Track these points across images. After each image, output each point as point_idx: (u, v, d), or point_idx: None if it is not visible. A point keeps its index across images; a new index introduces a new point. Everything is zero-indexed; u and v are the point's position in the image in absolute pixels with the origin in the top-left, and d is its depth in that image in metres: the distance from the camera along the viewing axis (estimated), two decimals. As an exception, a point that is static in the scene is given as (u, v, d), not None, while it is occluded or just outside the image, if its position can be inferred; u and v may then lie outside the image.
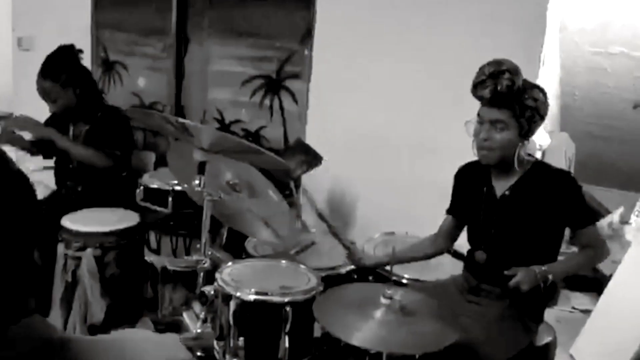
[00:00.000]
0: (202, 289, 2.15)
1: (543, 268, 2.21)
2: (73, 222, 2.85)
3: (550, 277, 2.20)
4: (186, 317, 2.26)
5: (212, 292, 2.11)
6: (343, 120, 3.33)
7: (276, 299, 2.01)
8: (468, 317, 2.23)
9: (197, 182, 2.09)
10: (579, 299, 4.06)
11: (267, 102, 3.53)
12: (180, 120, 1.98)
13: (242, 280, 2.08)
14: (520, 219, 2.32)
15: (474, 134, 2.32)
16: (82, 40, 3.95)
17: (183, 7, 3.61)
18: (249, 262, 2.32)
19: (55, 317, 2.77)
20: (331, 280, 2.32)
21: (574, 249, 2.45)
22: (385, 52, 3.26)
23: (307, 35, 3.40)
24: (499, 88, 2.19)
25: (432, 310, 2.03)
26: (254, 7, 3.47)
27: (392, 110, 3.26)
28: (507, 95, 2.20)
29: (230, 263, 2.22)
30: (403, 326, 1.90)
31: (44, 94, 3.12)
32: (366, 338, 1.85)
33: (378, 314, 1.92)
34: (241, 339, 1.95)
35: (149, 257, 2.83)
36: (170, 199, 2.85)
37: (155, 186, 2.93)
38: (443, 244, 2.60)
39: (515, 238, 2.34)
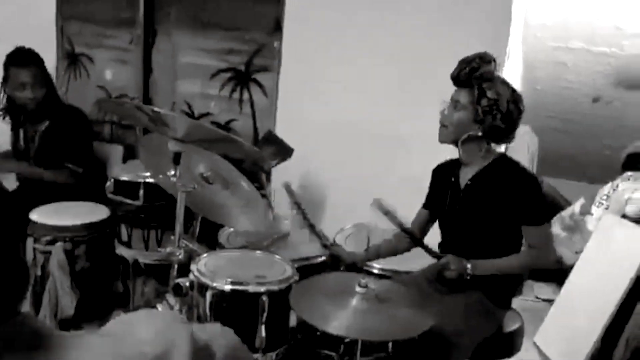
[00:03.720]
0: (177, 280, 2.16)
1: (469, 264, 2.29)
2: (42, 215, 2.81)
3: (469, 270, 2.27)
4: (160, 309, 2.26)
5: (187, 284, 2.12)
6: (313, 112, 3.36)
7: (252, 288, 2.03)
8: (438, 305, 2.28)
9: (172, 172, 2.09)
10: (542, 289, 4.17)
11: (236, 95, 3.53)
12: (156, 109, 1.97)
13: (217, 270, 2.09)
14: (478, 208, 2.38)
15: (440, 112, 2.41)
16: (47, 33, 3.91)
17: (150, 1, 3.58)
18: (224, 253, 2.34)
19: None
20: (305, 271, 2.34)
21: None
22: (356, 45, 3.30)
23: (276, 28, 3.41)
24: (464, 69, 2.29)
25: (406, 298, 2.07)
26: (224, 0, 3.47)
27: (362, 102, 3.30)
28: (469, 77, 2.29)
29: (205, 254, 2.23)
30: (378, 314, 1.94)
31: (27, 80, 3.06)
32: (342, 326, 1.88)
33: (353, 302, 1.95)
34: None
35: (120, 250, 2.82)
36: (141, 191, 2.84)
37: (125, 179, 2.91)
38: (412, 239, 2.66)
39: (475, 227, 2.40)
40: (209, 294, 2.01)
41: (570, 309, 3.60)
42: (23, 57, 3.11)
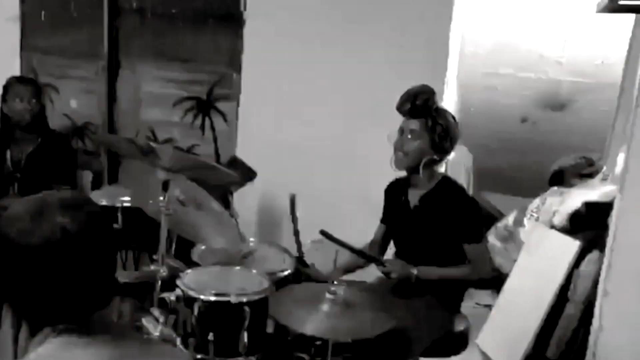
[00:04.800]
0: (162, 295, 2.39)
1: (414, 270, 2.62)
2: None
3: (414, 274, 2.61)
4: (145, 322, 2.47)
5: (173, 298, 2.35)
6: (272, 136, 3.61)
7: (235, 299, 2.27)
8: (397, 308, 2.57)
9: (161, 198, 2.32)
10: (481, 296, 4.50)
11: (198, 121, 3.76)
12: (151, 143, 2.21)
13: (202, 284, 2.33)
14: (426, 227, 2.71)
15: (393, 143, 2.71)
16: (11, 63, 4.05)
17: (114, 31, 3.78)
18: (206, 269, 2.57)
19: (6, 332, 2.86)
20: (274, 283, 2.60)
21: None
22: (310, 74, 3.59)
23: (235, 59, 3.67)
24: (417, 102, 2.60)
25: (370, 303, 2.36)
26: (184, 33, 3.71)
27: (319, 125, 3.58)
28: (423, 108, 2.61)
29: (189, 270, 2.46)
30: (345, 317, 2.22)
31: (26, 93, 3.35)
32: (315, 328, 2.16)
33: (324, 307, 2.23)
34: (211, 334, 2.20)
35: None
36: (119, 215, 3.03)
37: (104, 203, 3.10)
38: (378, 249, 2.97)
39: (423, 242, 2.73)
40: (196, 306, 2.25)
41: (507, 313, 3.94)
42: (24, 78, 3.46)
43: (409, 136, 2.65)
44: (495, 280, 4.18)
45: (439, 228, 2.65)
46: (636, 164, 3.18)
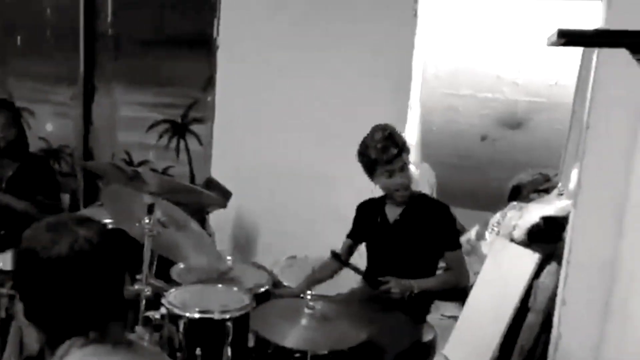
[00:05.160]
0: (147, 313, 2.50)
1: (412, 282, 2.78)
2: (5, 262, 3.03)
3: (415, 288, 2.77)
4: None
5: (157, 316, 2.46)
6: (246, 157, 3.74)
7: (218, 316, 2.40)
8: (370, 320, 2.73)
9: (147, 221, 2.44)
10: (447, 307, 4.67)
11: (173, 144, 3.88)
12: (137, 169, 2.33)
13: (186, 302, 2.45)
14: (407, 240, 2.89)
15: (389, 187, 2.86)
16: (-14, 88, 4.12)
17: (90, 57, 3.88)
18: (188, 287, 2.68)
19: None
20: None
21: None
22: (282, 96, 3.74)
23: (209, 84, 3.81)
24: (395, 147, 2.77)
25: (345, 316, 2.51)
26: (159, 58, 3.83)
27: (290, 146, 3.74)
28: (402, 145, 2.80)
29: (173, 289, 2.58)
30: (323, 330, 2.37)
31: (2, 122, 3.33)
32: (295, 341, 2.30)
33: (303, 321, 2.38)
34: (198, 349, 2.32)
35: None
36: None
37: None
38: (339, 264, 3.13)
39: (403, 256, 2.90)
40: (181, 323, 2.37)
41: (472, 323, 4.11)
42: None
43: (403, 171, 2.82)
44: (460, 292, 4.37)
45: (420, 240, 2.83)
46: (588, 181, 3.42)
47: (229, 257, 3.27)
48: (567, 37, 1.99)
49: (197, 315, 2.38)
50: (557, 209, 4.18)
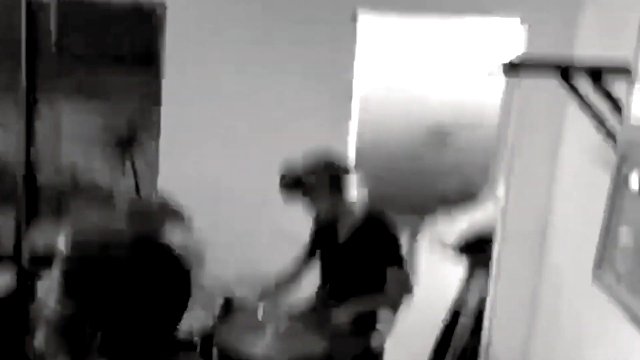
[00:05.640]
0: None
1: (352, 308, 2.97)
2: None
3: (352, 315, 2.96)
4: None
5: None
6: (194, 174, 3.78)
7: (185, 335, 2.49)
8: (324, 329, 2.89)
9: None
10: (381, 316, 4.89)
11: (119, 159, 3.90)
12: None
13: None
14: (356, 258, 3.07)
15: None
16: None
17: (32, 71, 3.84)
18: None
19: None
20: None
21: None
22: (227, 111, 3.82)
23: (155, 97, 3.85)
24: (284, 191, 3.06)
25: (306, 327, 2.67)
26: (104, 72, 3.85)
27: (236, 162, 3.83)
28: (292, 191, 3.06)
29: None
30: (287, 341, 2.52)
31: None
32: (260, 351, 2.43)
33: (268, 333, 2.51)
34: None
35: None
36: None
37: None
38: (297, 278, 3.28)
39: (352, 272, 3.09)
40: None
41: (407, 329, 4.34)
42: None
43: (308, 205, 3.09)
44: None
45: (368, 257, 3.01)
46: (513, 194, 3.72)
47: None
48: (511, 70, 2.23)
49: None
50: (484, 219, 4.49)
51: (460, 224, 4.57)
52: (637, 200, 1.52)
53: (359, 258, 3.05)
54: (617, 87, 2.13)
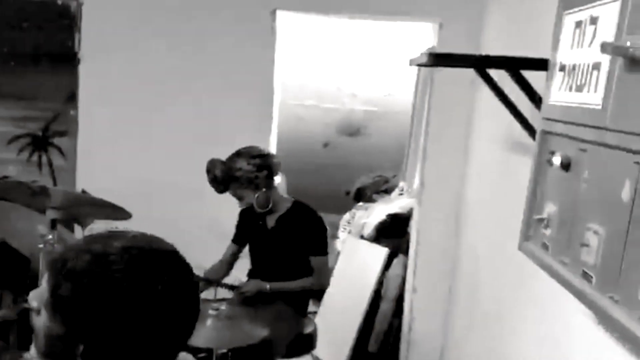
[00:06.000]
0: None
1: (267, 285, 3.07)
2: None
3: (268, 288, 3.08)
4: (28, 355, 2.56)
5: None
6: (114, 170, 3.73)
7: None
8: (261, 317, 2.96)
9: (50, 236, 2.46)
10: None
11: (35, 158, 3.80)
12: (43, 185, 2.35)
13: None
14: (282, 244, 3.16)
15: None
16: None
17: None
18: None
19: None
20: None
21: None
22: (147, 107, 3.80)
23: (71, 97, 3.78)
24: (214, 185, 3.07)
25: (245, 315, 2.73)
26: (18, 71, 3.72)
27: (157, 159, 3.81)
28: (221, 185, 3.04)
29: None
30: (229, 329, 2.57)
31: None
32: (203, 340, 2.47)
33: (209, 322, 2.55)
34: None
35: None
36: None
37: None
38: (226, 267, 3.33)
39: (279, 258, 3.18)
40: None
41: (331, 316, 4.48)
42: None
43: (238, 199, 3.16)
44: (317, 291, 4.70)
45: (292, 244, 3.11)
46: (429, 181, 3.92)
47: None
48: (436, 59, 2.38)
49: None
50: (400, 207, 4.69)
51: (377, 213, 4.74)
52: (559, 175, 1.69)
53: (287, 244, 3.15)
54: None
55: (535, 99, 2.24)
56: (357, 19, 4.25)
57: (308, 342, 3.25)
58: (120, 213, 2.64)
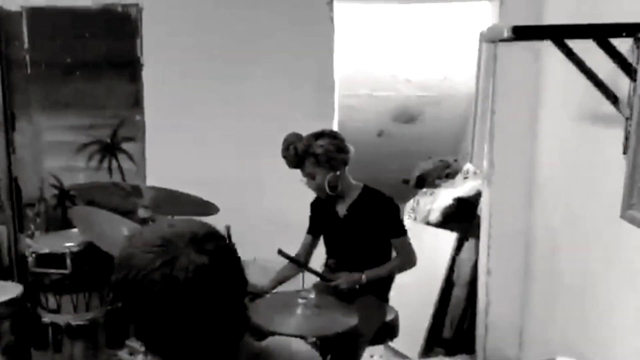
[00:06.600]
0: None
1: (363, 276, 3.04)
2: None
3: (364, 279, 3.03)
4: (122, 355, 2.61)
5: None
6: (180, 172, 3.73)
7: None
8: (345, 305, 2.94)
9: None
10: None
11: (105, 164, 3.85)
12: (135, 185, 2.39)
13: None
14: (357, 231, 3.14)
15: (307, 184, 3.13)
16: None
17: (5, 85, 3.74)
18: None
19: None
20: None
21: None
22: (211, 107, 3.84)
23: (136, 104, 3.83)
24: (290, 158, 3.04)
25: (334, 303, 2.73)
26: (82, 81, 3.77)
27: (223, 155, 3.84)
28: (297, 158, 3.03)
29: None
30: (319, 316, 2.58)
31: None
32: (294, 328, 2.48)
33: (298, 310, 2.56)
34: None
35: (50, 318, 3.02)
36: (68, 260, 3.09)
37: (47, 251, 3.13)
38: (304, 257, 3.32)
39: (355, 246, 3.16)
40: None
41: (401, 306, 4.43)
42: None
43: (309, 178, 3.11)
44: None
45: (368, 230, 3.09)
46: (499, 161, 3.86)
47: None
48: (519, 33, 2.33)
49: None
50: (465, 190, 4.63)
51: (443, 198, 4.69)
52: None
53: (363, 230, 3.12)
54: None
55: (626, 65, 2.18)
56: (410, 2, 4.21)
57: (390, 330, 3.24)
58: (208, 208, 2.65)
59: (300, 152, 3.03)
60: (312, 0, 3.77)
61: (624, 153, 2.31)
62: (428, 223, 4.66)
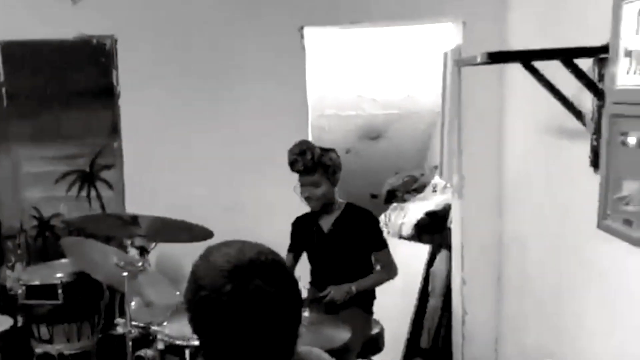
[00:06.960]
0: (138, 353, 2.61)
1: (352, 286, 3.17)
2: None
3: (354, 289, 3.17)
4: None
5: (151, 352, 2.59)
6: (160, 197, 3.83)
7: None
8: (336, 320, 3.05)
9: (140, 263, 2.56)
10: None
11: (83, 193, 3.88)
12: (134, 214, 2.45)
13: (184, 332, 2.60)
14: (341, 245, 3.27)
15: (301, 194, 3.23)
16: None
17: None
18: (173, 319, 2.81)
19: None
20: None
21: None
22: (188, 133, 3.92)
23: (113, 130, 3.88)
24: (306, 162, 3.14)
25: (325, 321, 2.82)
26: (60, 111, 3.82)
27: (202, 181, 3.92)
28: (313, 164, 3.16)
29: (164, 322, 2.70)
30: (313, 334, 2.66)
31: None
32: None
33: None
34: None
35: (42, 349, 3.04)
36: (60, 290, 3.11)
37: (38, 283, 3.15)
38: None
39: (339, 260, 3.28)
40: (187, 352, 2.52)
41: (381, 318, 4.54)
42: None
43: (313, 187, 3.22)
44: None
45: (352, 244, 3.22)
46: (468, 174, 4.01)
47: (177, 292, 3.39)
48: (493, 58, 2.49)
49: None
50: (435, 204, 4.78)
51: (413, 212, 4.83)
52: (637, 154, 1.80)
53: (347, 245, 3.26)
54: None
55: (591, 85, 2.34)
56: (380, 26, 4.36)
57: (374, 345, 3.34)
58: (202, 233, 2.73)
59: (316, 159, 3.14)
60: (284, 27, 3.88)
61: (591, 165, 2.47)
62: (400, 237, 4.80)
